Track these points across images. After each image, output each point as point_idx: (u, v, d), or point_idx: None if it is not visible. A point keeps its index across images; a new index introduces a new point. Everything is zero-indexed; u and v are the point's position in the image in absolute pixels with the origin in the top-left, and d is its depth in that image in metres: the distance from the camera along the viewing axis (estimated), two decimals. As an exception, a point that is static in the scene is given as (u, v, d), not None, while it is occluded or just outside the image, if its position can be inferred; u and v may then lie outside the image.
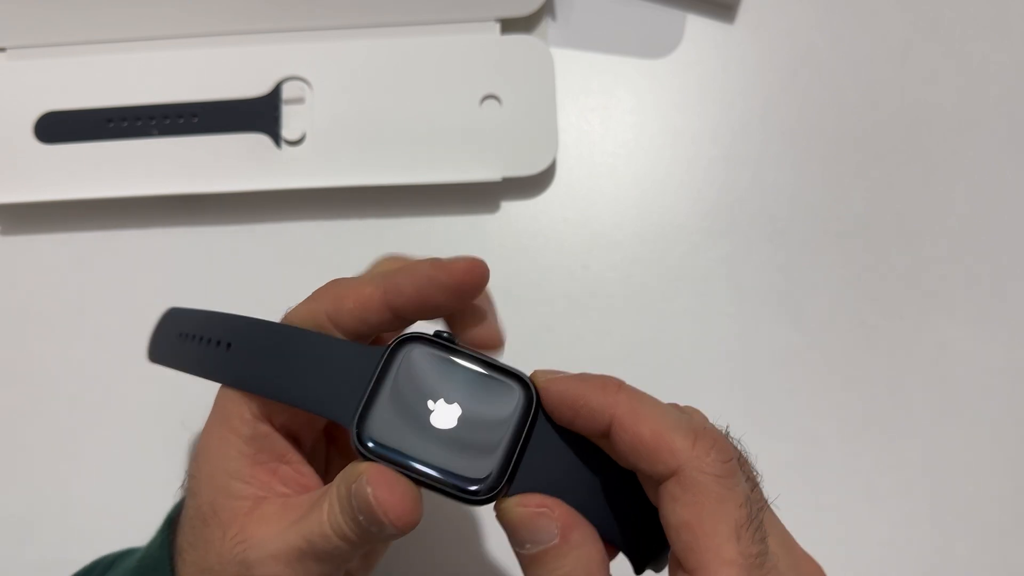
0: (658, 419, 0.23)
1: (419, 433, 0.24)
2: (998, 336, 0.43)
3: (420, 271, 0.26)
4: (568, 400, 0.24)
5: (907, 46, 0.46)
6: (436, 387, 0.25)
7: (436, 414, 0.24)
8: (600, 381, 0.24)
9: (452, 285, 0.26)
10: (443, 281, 0.26)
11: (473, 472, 0.24)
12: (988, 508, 0.41)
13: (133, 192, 0.43)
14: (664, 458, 0.22)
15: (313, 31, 0.44)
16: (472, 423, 0.24)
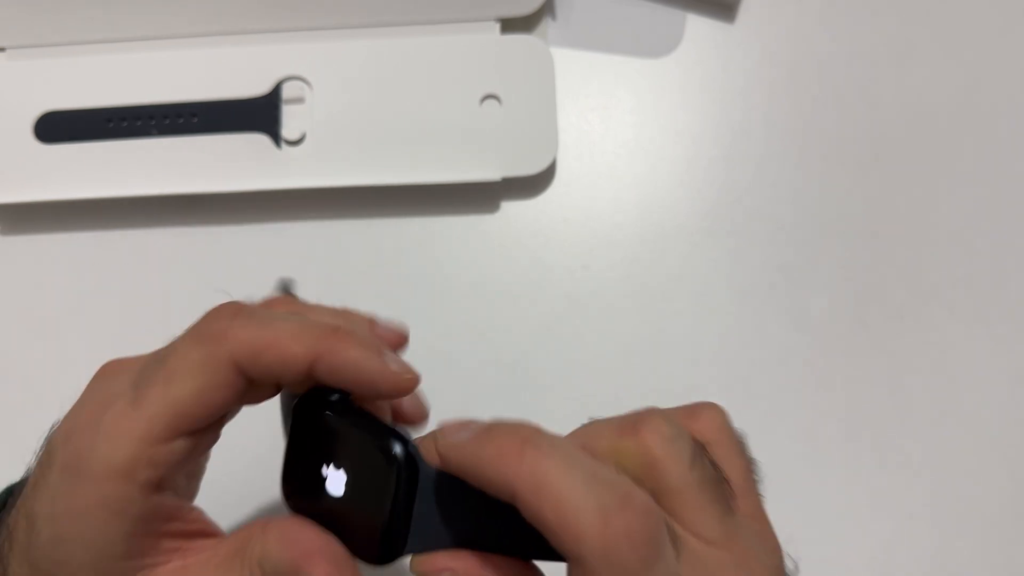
0: (564, 494, 0.19)
1: (318, 498, 0.24)
2: (998, 336, 0.43)
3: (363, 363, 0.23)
4: (468, 470, 0.22)
5: (907, 45, 0.46)
6: (328, 452, 0.24)
7: (329, 480, 0.24)
8: (500, 446, 0.21)
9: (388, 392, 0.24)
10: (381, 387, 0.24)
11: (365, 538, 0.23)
12: (988, 508, 0.41)
13: (133, 192, 0.43)
14: (567, 544, 0.19)
15: (313, 31, 0.44)
16: (360, 488, 0.24)
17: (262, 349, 0.23)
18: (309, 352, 0.23)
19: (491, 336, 0.43)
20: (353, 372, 0.23)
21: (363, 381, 0.24)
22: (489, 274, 0.44)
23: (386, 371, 0.24)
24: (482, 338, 0.43)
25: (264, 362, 0.23)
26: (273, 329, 0.23)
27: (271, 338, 0.23)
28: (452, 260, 0.44)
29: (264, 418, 0.29)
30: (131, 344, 0.43)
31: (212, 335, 0.23)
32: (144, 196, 0.43)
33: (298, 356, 0.23)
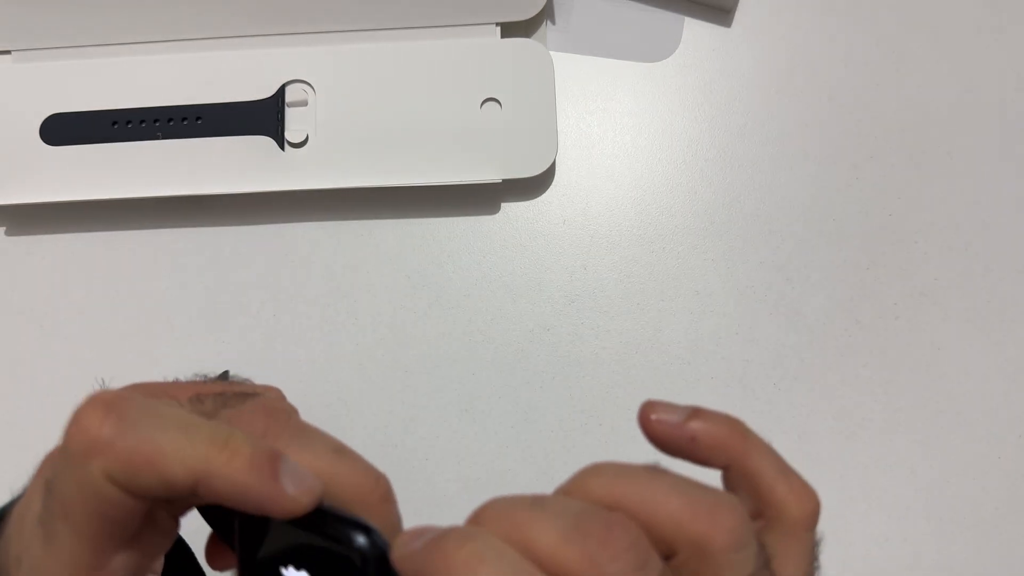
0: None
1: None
2: (992, 335, 0.43)
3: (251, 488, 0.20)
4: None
5: (902, 48, 0.46)
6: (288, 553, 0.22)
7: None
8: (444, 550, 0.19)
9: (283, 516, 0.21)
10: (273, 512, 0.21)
11: None
12: (983, 505, 0.41)
13: (137, 193, 0.43)
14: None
15: (316, 35, 0.44)
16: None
17: (138, 467, 0.19)
18: (192, 476, 0.20)
19: (491, 336, 0.43)
20: (241, 496, 0.20)
21: (250, 504, 0.20)
22: (489, 274, 0.44)
23: (279, 495, 0.20)
24: (482, 338, 0.43)
25: (140, 481, 0.19)
26: (150, 443, 0.19)
27: (147, 453, 0.19)
28: (453, 260, 0.44)
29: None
30: (136, 344, 0.44)
31: (80, 451, 0.19)
32: (149, 198, 0.43)
33: (179, 479, 0.19)
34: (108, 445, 0.19)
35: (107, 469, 0.19)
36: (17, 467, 0.44)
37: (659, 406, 0.23)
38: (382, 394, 0.43)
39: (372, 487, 0.22)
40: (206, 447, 0.20)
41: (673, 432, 0.23)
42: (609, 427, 0.42)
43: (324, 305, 0.44)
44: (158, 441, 0.19)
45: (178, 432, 0.20)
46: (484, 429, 0.42)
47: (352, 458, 0.22)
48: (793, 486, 0.22)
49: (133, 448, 0.19)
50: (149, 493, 0.20)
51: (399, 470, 0.42)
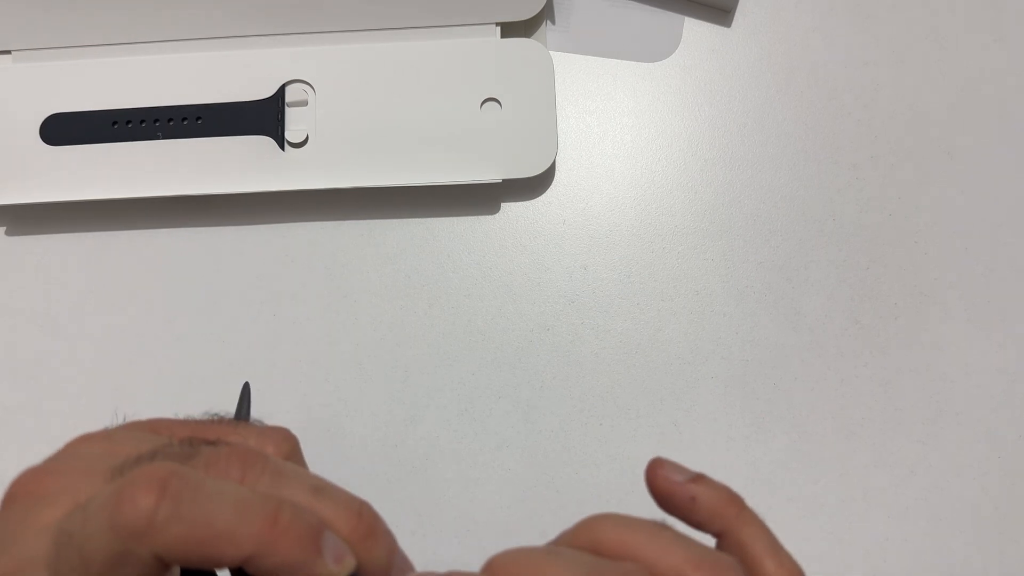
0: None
1: None
2: (992, 336, 0.43)
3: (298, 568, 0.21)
4: None
5: (902, 48, 0.46)
6: None
7: None
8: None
9: None
10: None
11: None
12: (983, 506, 0.41)
13: (137, 193, 0.43)
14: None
15: (316, 35, 0.44)
16: None
17: (191, 549, 0.20)
18: (243, 553, 0.20)
19: (491, 336, 0.43)
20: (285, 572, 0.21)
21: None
22: (489, 274, 0.44)
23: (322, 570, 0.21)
24: (482, 338, 0.43)
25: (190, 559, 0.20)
26: (205, 525, 0.20)
27: (203, 536, 0.20)
28: (453, 260, 0.44)
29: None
30: (136, 344, 0.44)
31: (132, 530, 0.20)
32: (149, 198, 0.43)
33: (230, 557, 0.20)
34: (163, 529, 0.20)
35: (158, 550, 0.20)
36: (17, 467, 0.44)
37: (667, 464, 0.24)
38: (382, 394, 0.43)
39: (355, 524, 0.22)
40: (259, 526, 0.20)
41: (676, 490, 0.25)
42: (609, 427, 0.42)
43: (324, 305, 0.44)
44: (213, 524, 0.20)
45: (232, 513, 0.20)
46: (484, 429, 0.42)
47: (332, 496, 0.22)
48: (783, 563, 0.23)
49: (188, 533, 0.20)
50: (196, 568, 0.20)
51: (399, 470, 0.42)
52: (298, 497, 0.22)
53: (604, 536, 0.22)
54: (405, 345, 0.43)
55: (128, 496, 0.20)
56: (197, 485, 0.20)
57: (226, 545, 0.20)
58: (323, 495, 0.22)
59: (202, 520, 0.20)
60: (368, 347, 0.43)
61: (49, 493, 0.22)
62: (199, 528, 0.20)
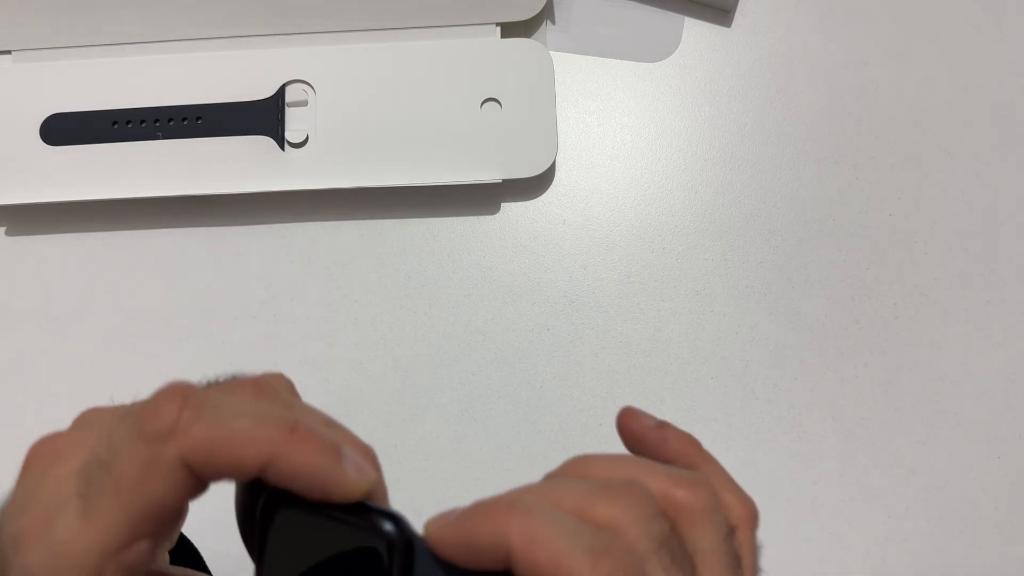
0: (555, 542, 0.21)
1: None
2: (991, 335, 0.43)
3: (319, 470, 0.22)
4: (462, 543, 0.22)
5: (902, 48, 0.46)
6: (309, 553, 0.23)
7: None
8: (489, 510, 0.22)
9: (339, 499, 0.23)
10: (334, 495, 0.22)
11: None
12: (982, 505, 0.41)
13: (137, 194, 0.43)
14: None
15: (316, 35, 0.44)
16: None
17: (214, 450, 0.21)
18: (264, 456, 0.21)
19: (491, 336, 0.43)
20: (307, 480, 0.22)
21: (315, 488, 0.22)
22: (489, 274, 0.44)
23: (343, 480, 0.22)
24: (482, 338, 0.43)
25: (215, 464, 0.21)
26: (226, 427, 0.21)
27: (224, 438, 0.21)
28: (453, 260, 0.44)
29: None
30: (136, 344, 0.44)
31: (158, 433, 0.21)
32: (149, 198, 0.43)
33: (251, 460, 0.21)
34: (186, 431, 0.21)
35: (184, 453, 0.21)
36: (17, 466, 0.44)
37: (639, 412, 0.28)
38: (382, 394, 0.43)
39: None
40: (277, 432, 0.21)
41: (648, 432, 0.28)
42: (609, 427, 0.42)
43: (324, 305, 0.44)
44: (233, 427, 0.21)
45: (251, 419, 0.21)
46: (484, 429, 0.42)
47: (343, 431, 0.24)
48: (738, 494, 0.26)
49: (210, 434, 0.21)
50: (220, 475, 0.21)
51: (399, 470, 0.42)
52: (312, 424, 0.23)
53: (593, 469, 0.24)
54: (405, 345, 0.43)
55: (152, 406, 0.21)
56: (216, 398, 0.22)
57: (247, 447, 0.21)
58: (335, 429, 0.23)
59: (223, 424, 0.21)
60: (368, 347, 0.43)
61: (65, 451, 0.24)
62: (221, 430, 0.21)
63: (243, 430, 0.21)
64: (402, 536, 0.22)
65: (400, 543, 0.22)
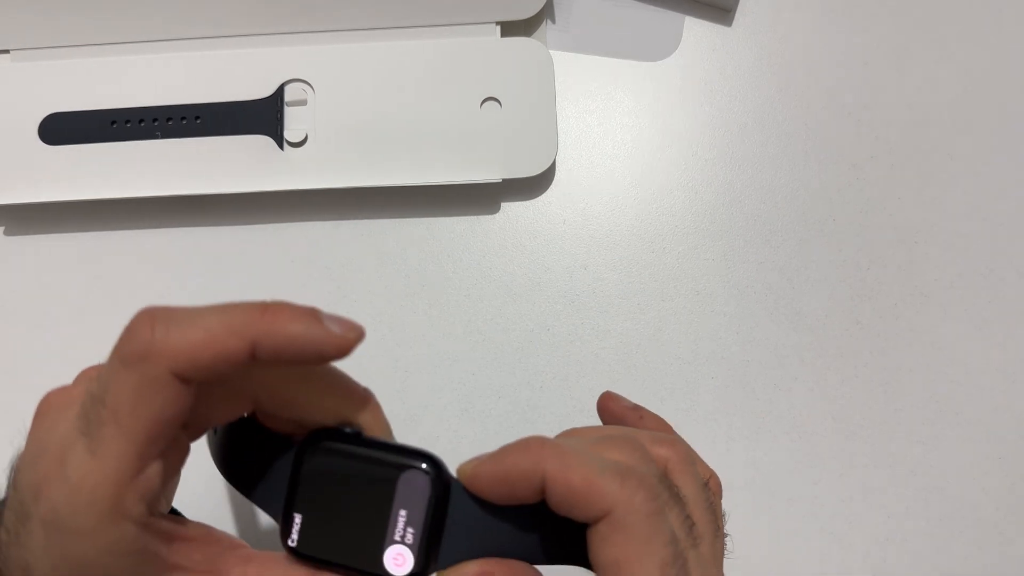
0: (586, 466, 0.23)
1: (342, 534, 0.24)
2: (992, 335, 0.43)
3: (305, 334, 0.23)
4: (499, 477, 0.24)
5: (903, 48, 0.46)
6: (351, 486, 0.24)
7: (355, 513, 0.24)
8: (522, 445, 0.24)
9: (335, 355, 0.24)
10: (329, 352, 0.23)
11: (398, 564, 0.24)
12: (983, 506, 0.41)
13: (136, 193, 0.43)
14: (596, 502, 0.23)
15: (315, 34, 0.44)
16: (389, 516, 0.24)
17: (197, 352, 0.22)
18: (246, 339, 0.22)
19: (491, 336, 0.43)
20: (298, 345, 0.22)
21: (309, 352, 0.23)
22: (489, 274, 0.44)
23: (330, 337, 0.23)
24: (482, 338, 0.43)
25: (203, 364, 0.22)
26: (201, 328, 0.22)
27: (202, 338, 0.22)
28: (453, 260, 0.44)
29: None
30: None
31: (139, 354, 0.22)
32: (148, 197, 0.43)
33: (236, 348, 0.22)
34: (164, 344, 0.21)
35: (170, 364, 0.21)
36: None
37: (617, 395, 0.33)
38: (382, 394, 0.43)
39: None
40: (250, 315, 0.22)
41: (627, 413, 0.32)
42: (609, 427, 0.42)
43: (324, 305, 0.44)
44: (208, 326, 0.22)
45: (220, 314, 0.22)
46: (484, 429, 0.42)
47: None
48: (705, 465, 0.30)
49: (188, 339, 0.21)
50: (210, 374, 0.22)
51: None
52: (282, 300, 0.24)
53: (586, 433, 0.27)
54: (405, 345, 0.43)
55: (126, 334, 0.22)
56: (183, 309, 0.22)
57: (227, 338, 0.22)
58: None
59: (197, 327, 0.22)
60: (368, 347, 0.43)
61: (67, 401, 0.25)
62: (197, 333, 0.22)
63: (218, 324, 0.22)
64: (438, 473, 0.24)
65: (436, 479, 0.24)
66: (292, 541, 0.24)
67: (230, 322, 0.22)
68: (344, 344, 0.23)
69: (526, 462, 0.23)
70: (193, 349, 0.22)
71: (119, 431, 0.22)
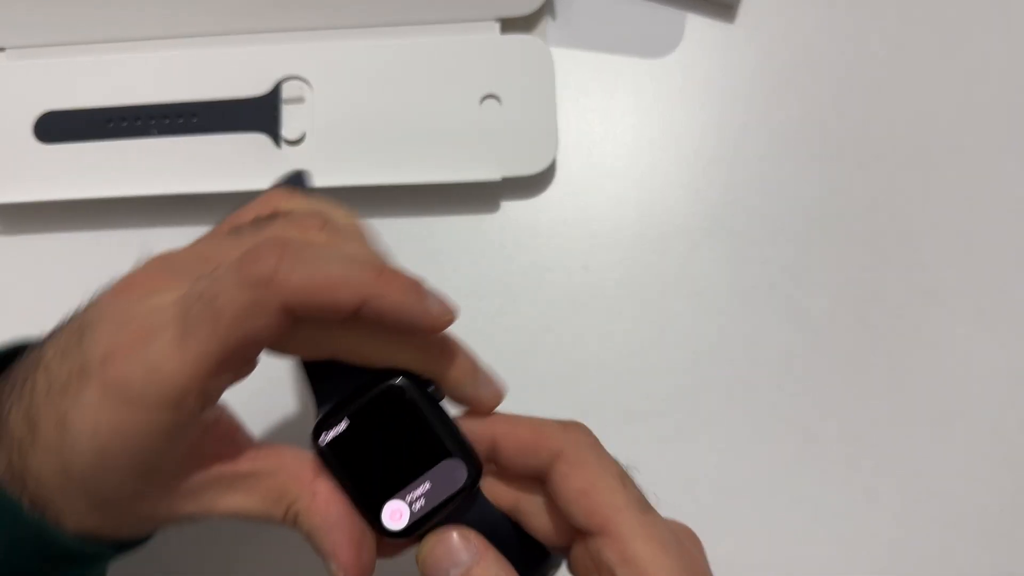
0: (530, 423, 0.27)
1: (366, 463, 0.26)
2: (998, 335, 0.43)
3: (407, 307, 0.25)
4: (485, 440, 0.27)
5: (907, 45, 0.46)
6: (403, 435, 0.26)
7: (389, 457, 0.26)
8: (476, 420, 0.27)
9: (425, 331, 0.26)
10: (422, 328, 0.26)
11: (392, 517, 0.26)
12: (988, 507, 0.41)
13: (133, 192, 0.43)
14: (547, 446, 0.26)
15: (313, 31, 0.44)
16: (414, 478, 0.26)
17: (312, 295, 0.24)
18: (357, 297, 0.24)
19: (491, 336, 0.43)
20: (397, 315, 0.25)
21: (404, 323, 0.25)
22: (489, 274, 0.44)
23: (427, 314, 0.25)
24: (482, 338, 0.43)
25: (313, 306, 0.24)
26: (323, 274, 0.24)
27: (321, 283, 0.24)
28: (452, 260, 0.44)
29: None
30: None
31: (261, 279, 0.23)
32: (144, 196, 0.43)
33: (348, 302, 0.24)
34: (287, 277, 0.23)
35: (285, 297, 0.23)
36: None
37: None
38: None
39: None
40: (367, 274, 0.24)
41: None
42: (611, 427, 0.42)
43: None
44: (329, 273, 0.24)
45: (342, 265, 0.24)
46: (483, 431, 0.42)
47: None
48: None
49: (309, 280, 0.23)
50: (318, 316, 0.24)
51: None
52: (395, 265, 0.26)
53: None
54: (403, 345, 0.43)
55: (254, 255, 0.24)
56: (310, 246, 0.24)
57: (342, 290, 0.24)
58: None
59: (320, 271, 0.24)
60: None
61: (159, 287, 0.26)
62: (318, 276, 0.24)
63: (338, 275, 0.24)
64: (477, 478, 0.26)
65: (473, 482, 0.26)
66: (323, 439, 0.26)
67: (348, 276, 0.24)
68: (438, 323, 0.26)
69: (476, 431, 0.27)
70: (310, 291, 0.23)
71: (214, 335, 0.23)
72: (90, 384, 0.24)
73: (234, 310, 0.23)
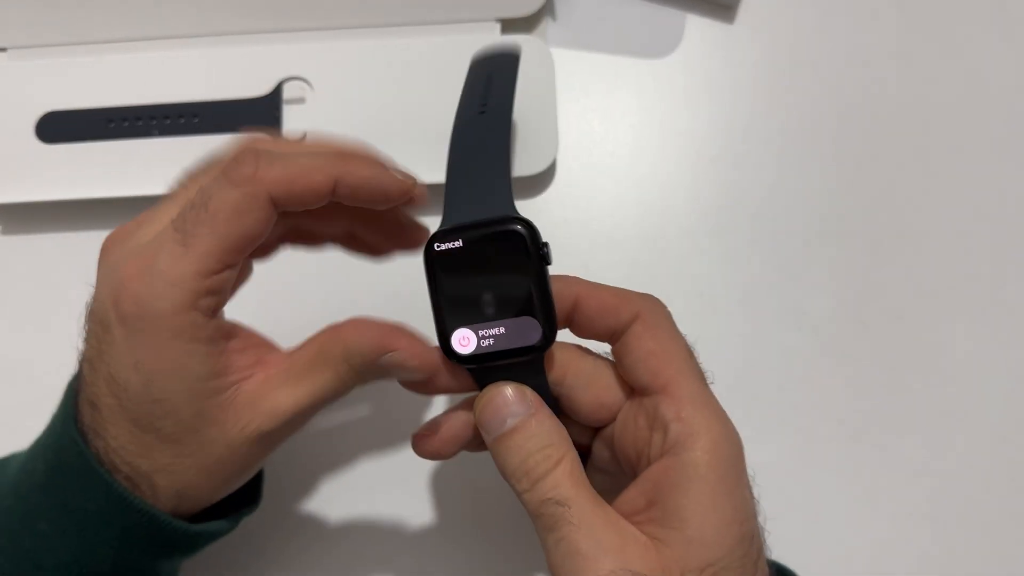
0: (613, 288, 0.30)
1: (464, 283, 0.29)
2: (997, 336, 0.43)
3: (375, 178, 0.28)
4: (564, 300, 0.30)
5: (906, 45, 0.46)
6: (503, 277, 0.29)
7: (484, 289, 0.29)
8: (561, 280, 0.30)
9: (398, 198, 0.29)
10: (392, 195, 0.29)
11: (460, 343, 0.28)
12: (988, 508, 0.41)
13: (134, 192, 0.43)
14: (628, 308, 0.29)
15: (314, 31, 0.44)
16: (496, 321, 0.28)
17: (291, 184, 0.27)
18: (330, 178, 0.27)
19: (491, 336, 0.43)
20: (368, 186, 0.28)
21: (377, 192, 0.28)
22: (489, 274, 0.44)
23: (395, 180, 0.29)
24: (482, 338, 0.43)
25: (294, 194, 0.27)
26: (297, 165, 0.27)
27: (296, 173, 0.27)
28: (453, 260, 0.44)
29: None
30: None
31: (245, 177, 0.26)
32: (145, 196, 0.43)
33: (322, 183, 0.27)
34: (267, 172, 0.27)
35: (269, 189, 0.27)
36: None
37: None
38: (382, 394, 0.42)
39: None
40: (334, 160, 0.28)
41: None
42: (611, 428, 0.42)
43: (322, 304, 0.43)
44: (301, 164, 0.27)
45: (309, 156, 0.28)
46: (484, 430, 0.42)
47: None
48: None
49: (286, 172, 0.27)
50: (299, 202, 0.27)
51: (399, 471, 0.42)
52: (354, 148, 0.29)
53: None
54: (404, 345, 0.43)
55: (235, 161, 0.27)
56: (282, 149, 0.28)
57: (315, 174, 0.27)
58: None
59: (293, 163, 0.27)
60: (367, 347, 0.43)
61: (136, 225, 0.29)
62: (292, 167, 0.27)
63: (310, 164, 0.27)
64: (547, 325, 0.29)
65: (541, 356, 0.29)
66: (438, 246, 0.29)
67: (318, 163, 0.27)
68: (405, 187, 0.29)
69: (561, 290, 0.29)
70: (289, 180, 0.27)
71: (213, 232, 0.26)
72: (112, 330, 0.27)
73: (227, 209, 0.26)
